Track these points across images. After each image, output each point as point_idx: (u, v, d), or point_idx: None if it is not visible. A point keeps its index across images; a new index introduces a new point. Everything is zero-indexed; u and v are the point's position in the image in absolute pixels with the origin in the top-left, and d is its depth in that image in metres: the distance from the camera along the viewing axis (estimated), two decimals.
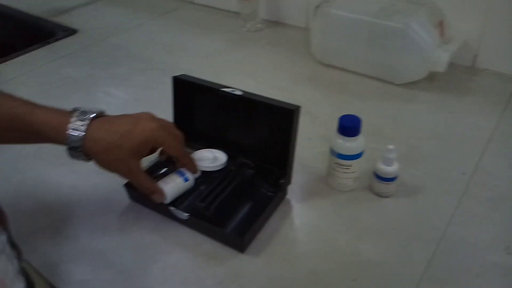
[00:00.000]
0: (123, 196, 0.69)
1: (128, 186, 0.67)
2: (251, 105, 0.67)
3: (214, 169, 0.68)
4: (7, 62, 1.14)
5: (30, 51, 1.20)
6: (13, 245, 0.48)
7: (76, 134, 0.56)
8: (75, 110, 0.58)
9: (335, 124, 0.66)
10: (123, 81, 1.03)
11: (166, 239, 0.63)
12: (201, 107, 0.74)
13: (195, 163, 0.66)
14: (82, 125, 0.56)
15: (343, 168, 0.66)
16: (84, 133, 0.56)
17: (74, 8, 1.43)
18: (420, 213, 0.65)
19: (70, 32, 1.28)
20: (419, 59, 0.90)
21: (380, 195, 0.68)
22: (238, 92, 0.66)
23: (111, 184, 0.70)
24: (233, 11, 1.30)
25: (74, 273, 0.59)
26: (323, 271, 0.58)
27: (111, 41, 1.22)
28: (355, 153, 0.65)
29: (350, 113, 0.66)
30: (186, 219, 0.63)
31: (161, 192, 0.62)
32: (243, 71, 1.05)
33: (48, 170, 0.77)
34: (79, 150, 0.57)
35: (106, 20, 1.35)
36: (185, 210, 0.63)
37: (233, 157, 0.70)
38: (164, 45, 1.19)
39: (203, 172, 0.68)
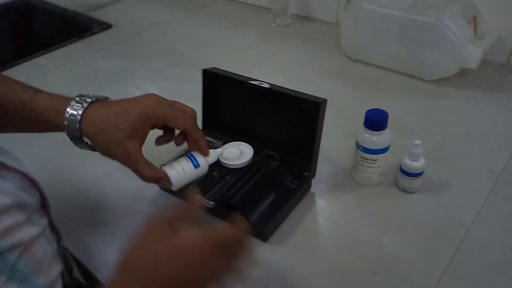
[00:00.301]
0: (153, 185, 0.72)
1: None
2: (278, 98, 0.68)
3: (241, 166, 0.69)
4: (47, 55, 1.20)
5: (68, 44, 1.25)
6: (53, 228, 0.51)
7: (73, 116, 0.54)
8: (77, 95, 0.56)
9: (362, 119, 0.66)
10: (156, 75, 1.06)
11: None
12: (229, 100, 0.76)
13: (206, 141, 0.60)
14: (80, 107, 0.54)
15: (368, 162, 0.67)
16: (81, 115, 0.54)
17: (110, 3, 1.48)
18: (445, 209, 0.65)
19: (105, 26, 1.32)
20: (450, 55, 0.89)
21: (405, 190, 0.68)
22: (266, 85, 0.68)
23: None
24: (264, 7, 1.32)
25: (106, 255, 0.62)
26: (344, 262, 0.59)
27: (145, 35, 1.26)
28: (381, 148, 0.65)
29: (369, 107, 0.66)
30: (212, 208, 0.65)
31: (166, 179, 0.57)
32: (273, 66, 1.06)
33: (83, 158, 0.80)
34: (78, 133, 0.54)
35: (140, 15, 1.39)
36: (211, 199, 0.65)
37: (259, 149, 0.71)
38: (196, 40, 1.21)
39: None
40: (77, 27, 1.37)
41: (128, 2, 1.49)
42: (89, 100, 0.55)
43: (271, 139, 0.72)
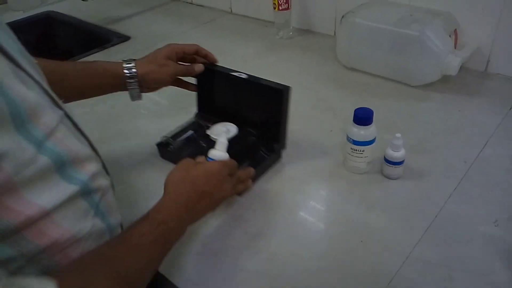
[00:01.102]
0: (155, 154, 0.89)
1: (159, 145, 0.88)
2: (254, 86, 0.84)
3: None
4: None
5: (89, 55, 1.37)
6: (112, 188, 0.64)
7: (128, 63, 0.80)
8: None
9: None
10: None
11: None
12: (218, 89, 0.92)
13: (212, 54, 0.90)
14: (129, 61, 0.81)
15: (357, 153, 0.78)
16: (133, 61, 0.81)
17: (128, 17, 1.61)
18: (423, 192, 0.76)
19: (123, 38, 1.45)
20: (432, 63, 1.00)
21: (389, 177, 0.79)
22: (244, 76, 0.85)
23: (146, 145, 0.91)
24: (268, 20, 1.44)
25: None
26: (335, 233, 0.70)
27: (159, 46, 1.38)
28: (368, 140, 0.77)
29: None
30: None
31: (199, 64, 0.86)
32: (274, 74, 1.15)
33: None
34: (134, 72, 0.79)
35: (155, 28, 1.52)
36: None
37: (242, 127, 0.87)
38: None
39: None
40: (97, 39, 1.50)
41: (144, 16, 1.62)
42: (132, 62, 0.82)
43: (251, 119, 0.87)
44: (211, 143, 0.84)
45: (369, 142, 0.77)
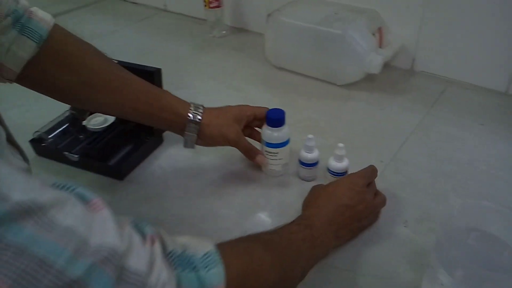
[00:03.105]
0: (30, 152, 0.85)
1: (32, 141, 0.84)
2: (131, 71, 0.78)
3: (101, 129, 0.87)
4: None
5: None
6: None
7: (196, 108, 0.73)
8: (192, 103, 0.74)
9: None
10: None
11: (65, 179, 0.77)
12: None
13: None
14: (199, 106, 0.74)
15: (271, 155, 0.76)
16: (202, 108, 0.74)
17: (57, 15, 1.53)
18: None
19: None
20: (355, 62, 1.00)
21: (304, 179, 0.78)
22: (115, 61, 0.81)
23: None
24: (202, 18, 1.41)
25: None
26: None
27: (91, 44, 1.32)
28: (281, 142, 0.75)
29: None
30: (77, 161, 0.80)
31: (261, 155, 0.76)
32: (206, 74, 1.15)
33: None
34: (199, 118, 0.72)
35: (85, 26, 1.45)
36: (76, 154, 0.81)
37: None
38: (137, 50, 1.29)
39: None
40: None
41: (75, 13, 1.56)
42: (201, 108, 0.74)
43: None
44: (88, 133, 0.87)
45: (282, 144, 0.75)
